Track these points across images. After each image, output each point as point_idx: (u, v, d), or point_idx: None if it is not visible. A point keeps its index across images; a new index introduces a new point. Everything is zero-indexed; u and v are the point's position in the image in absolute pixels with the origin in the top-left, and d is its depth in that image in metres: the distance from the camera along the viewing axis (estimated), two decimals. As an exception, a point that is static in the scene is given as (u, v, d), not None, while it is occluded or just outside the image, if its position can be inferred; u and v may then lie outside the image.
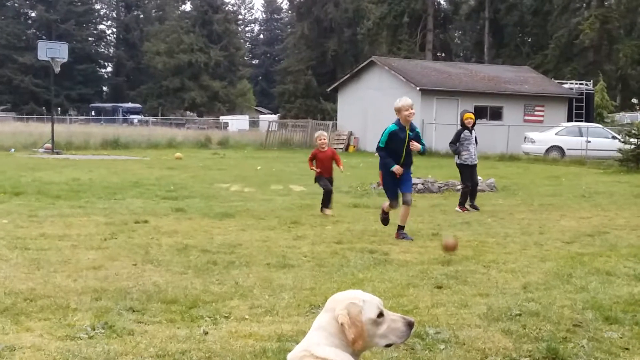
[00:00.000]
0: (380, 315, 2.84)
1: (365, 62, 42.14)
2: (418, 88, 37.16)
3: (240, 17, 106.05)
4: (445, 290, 6.89)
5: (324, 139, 13.02)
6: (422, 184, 17.21)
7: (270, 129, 44.20)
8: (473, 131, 14.11)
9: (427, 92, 37.24)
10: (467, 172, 14.06)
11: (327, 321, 2.80)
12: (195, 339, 5.22)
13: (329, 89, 46.21)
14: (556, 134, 33.11)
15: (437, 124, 36.92)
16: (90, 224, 10.58)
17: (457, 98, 37.67)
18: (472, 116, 14.20)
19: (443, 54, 68.03)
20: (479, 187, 15.04)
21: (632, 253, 8.94)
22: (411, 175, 10.35)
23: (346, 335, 2.75)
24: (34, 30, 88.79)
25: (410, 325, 2.89)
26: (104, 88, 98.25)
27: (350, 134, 40.31)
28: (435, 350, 5.08)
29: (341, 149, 39.37)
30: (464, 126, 14.12)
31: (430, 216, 12.64)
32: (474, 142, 14.09)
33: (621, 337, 5.43)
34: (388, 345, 2.90)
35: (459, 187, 17.01)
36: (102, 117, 58.33)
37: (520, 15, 65.27)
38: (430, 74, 40.22)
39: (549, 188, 18.39)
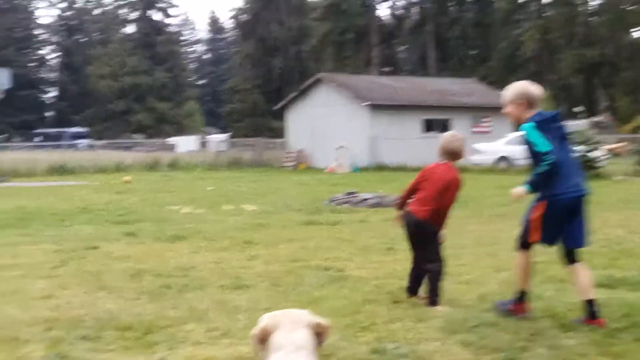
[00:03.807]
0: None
1: (312, 80, 42.30)
2: (366, 103, 37.41)
3: (183, 37, 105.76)
4: (402, 305, 6.88)
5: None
6: (375, 198, 17.27)
7: (219, 149, 44.02)
8: None
9: (375, 107, 37.50)
10: None
11: (306, 338, 2.75)
12: (152, 366, 5.13)
13: (277, 107, 46.26)
14: (505, 144, 33.56)
15: (386, 138, 37.17)
16: (39, 252, 10.36)
17: (405, 112, 38.01)
18: None
19: (389, 69, 68.63)
20: None
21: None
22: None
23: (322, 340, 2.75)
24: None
25: None
26: (49, 113, 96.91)
27: (300, 151, 40.36)
28: (394, 366, 5.08)
29: (291, 166, 39.36)
30: None
31: (384, 230, 12.65)
32: None
33: (578, 344, 5.48)
34: None
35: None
36: (48, 143, 57.42)
37: (462, 29, 66.25)
38: (378, 89, 40.53)
39: (499, 198, 18.56)
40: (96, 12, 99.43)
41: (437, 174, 6.79)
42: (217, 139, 56.98)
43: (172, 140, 62.70)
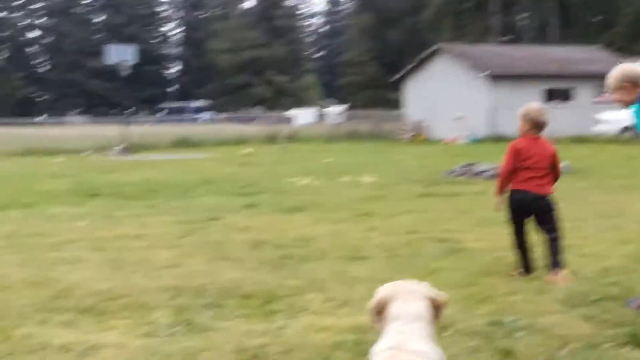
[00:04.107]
0: None
1: (430, 50, 41.78)
2: (485, 73, 36.73)
3: (301, 11, 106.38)
4: (521, 277, 6.80)
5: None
6: (493, 169, 16.99)
7: (337, 121, 44.20)
8: None
9: (495, 78, 36.75)
10: None
11: (422, 309, 2.78)
12: (273, 334, 5.26)
13: (394, 79, 45.99)
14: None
15: (505, 109, 36.42)
16: (164, 223, 10.75)
17: (526, 81, 37.09)
18: None
19: (508, 38, 67.02)
20: None
21: None
22: None
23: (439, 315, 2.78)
24: (102, 35, 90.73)
25: None
26: (172, 88, 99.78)
27: (418, 122, 40.06)
28: (513, 338, 5.02)
29: (409, 137, 39.16)
30: None
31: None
32: None
33: None
34: None
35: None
36: (172, 117, 59.19)
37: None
38: (497, 58, 39.68)
39: (624, 170, 17.95)
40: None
41: (538, 147, 6.75)
42: (335, 111, 57.21)
43: (291, 112, 63.47)
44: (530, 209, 6.83)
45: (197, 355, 4.85)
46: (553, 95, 37.58)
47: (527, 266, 6.92)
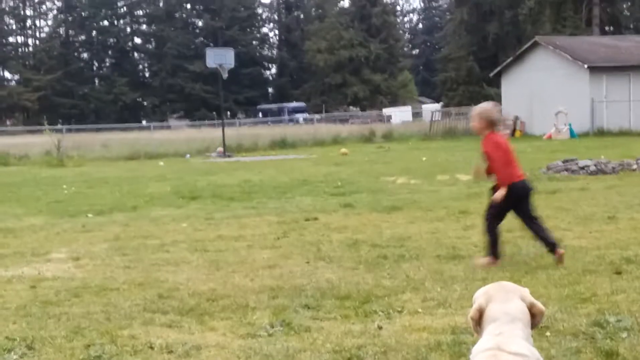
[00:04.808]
0: None
1: (529, 44, 40.96)
2: (586, 66, 35.77)
3: (398, 8, 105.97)
4: (624, 276, 6.64)
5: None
6: (595, 165, 16.57)
7: (433, 119, 43.85)
8: None
9: (596, 70, 35.75)
10: None
11: (522, 310, 2.74)
12: (370, 334, 5.30)
13: (492, 74, 45.29)
14: None
15: (607, 102, 35.41)
16: (263, 224, 10.92)
17: (629, 73, 35.93)
18: None
19: (611, 28, 65.03)
20: None
21: None
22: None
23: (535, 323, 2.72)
24: (202, 39, 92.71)
25: None
26: (269, 89, 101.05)
27: (516, 118, 39.33)
28: (617, 339, 4.92)
29: (507, 134, 38.49)
30: None
31: (605, 199, 12.15)
32: None
33: None
34: None
35: (635, 166, 16.30)
36: (269, 118, 59.94)
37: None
38: (599, 50, 38.56)
39: None
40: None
41: (504, 140, 7.53)
42: (431, 108, 56.77)
43: (387, 111, 63.34)
44: (527, 196, 7.48)
45: (296, 356, 4.93)
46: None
47: (496, 252, 7.41)
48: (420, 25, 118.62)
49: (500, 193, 7.30)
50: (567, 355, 4.65)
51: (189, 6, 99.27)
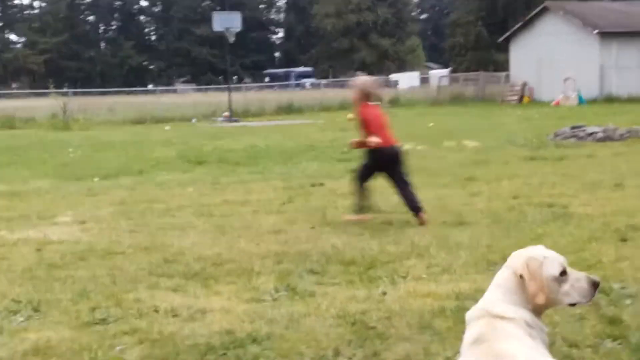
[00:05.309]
0: (563, 273, 2.78)
1: (538, 9, 40.56)
2: (596, 31, 35.44)
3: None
4: (630, 243, 6.63)
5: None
6: (603, 131, 16.49)
7: (440, 84, 43.62)
8: None
9: (606, 35, 35.41)
10: None
11: (506, 277, 2.78)
12: (375, 299, 5.32)
13: (501, 40, 44.94)
14: None
15: (617, 68, 35.13)
16: (269, 189, 10.93)
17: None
18: None
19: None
20: None
21: None
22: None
23: (526, 290, 2.72)
24: (208, 2, 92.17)
25: (595, 285, 2.81)
26: (276, 54, 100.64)
27: (524, 84, 39.10)
28: (621, 306, 4.93)
29: (515, 100, 38.32)
30: None
31: (612, 166, 12.10)
32: None
33: None
34: (572, 305, 2.84)
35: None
36: (276, 83, 59.76)
37: None
38: (609, 15, 38.16)
39: None
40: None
41: (377, 110, 8.35)
42: (439, 74, 56.47)
43: (394, 76, 63.01)
44: (396, 160, 8.21)
45: (300, 320, 4.94)
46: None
47: (363, 207, 8.22)
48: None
49: (374, 140, 8.04)
50: (570, 322, 4.65)
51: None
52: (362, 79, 8.51)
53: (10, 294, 5.74)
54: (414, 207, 7.93)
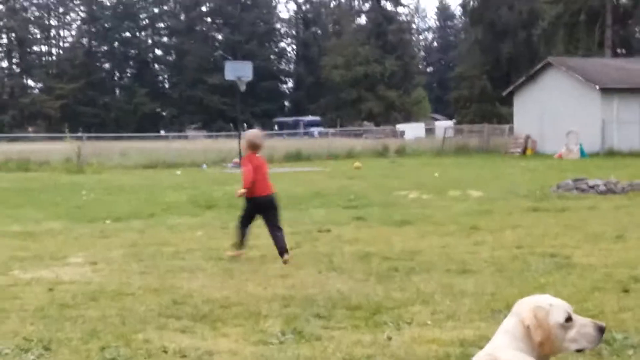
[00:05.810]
0: (569, 319, 2.85)
1: (541, 64, 40.99)
2: (598, 87, 35.78)
3: (413, 26, 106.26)
4: (632, 294, 6.70)
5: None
6: (605, 184, 16.62)
7: (446, 135, 43.91)
8: None
9: (608, 91, 35.75)
10: None
11: (513, 325, 2.85)
12: (380, 345, 5.40)
13: (505, 93, 45.33)
14: None
15: (618, 123, 35.39)
16: (276, 235, 11.02)
17: (640, 95, 35.92)
18: None
19: (623, 51, 64.94)
20: None
21: None
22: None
23: (532, 338, 2.79)
24: (221, 52, 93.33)
25: (601, 330, 2.88)
26: (286, 103, 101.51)
27: (528, 137, 39.37)
28: (623, 356, 5.01)
29: (518, 152, 38.53)
30: None
31: (614, 218, 12.21)
32: None
33: None
34: (579, 351, 2.90)
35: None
36: (285, 131, 60.17)
37: None
38: (610, 72, 38.57)
39: None
40: (332, 4, 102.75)
41: (259, 161, 9.21)
42: (444, 125, 56.81)
43: (400, 127, 63.38)
44: (270, 207, 9.19)
45: (306, 363, 5.04)
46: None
47: (242, 243, 9.16)
48: (435, 44, 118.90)
49: (241, 192, 9.16)
50: (573, 370, 4.72)
51: (209, 20, 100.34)
52: (251, 132, 9.84)
53: (22, 332, 5.84)
54: (281, 249, 8.78)
